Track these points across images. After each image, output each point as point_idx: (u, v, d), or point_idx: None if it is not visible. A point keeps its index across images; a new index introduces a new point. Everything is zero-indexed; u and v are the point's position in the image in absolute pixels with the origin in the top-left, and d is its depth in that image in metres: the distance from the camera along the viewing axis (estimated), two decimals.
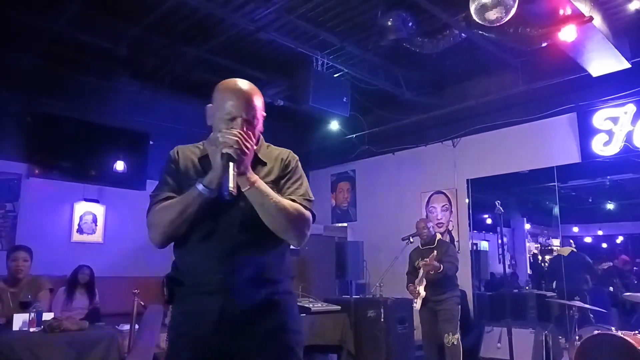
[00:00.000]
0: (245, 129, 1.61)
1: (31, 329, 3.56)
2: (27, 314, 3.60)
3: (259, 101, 1.70)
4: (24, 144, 5.87)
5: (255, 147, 1.69)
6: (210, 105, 1.72)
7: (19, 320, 3.59)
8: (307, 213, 1.66)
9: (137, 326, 4.27)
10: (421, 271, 4.97)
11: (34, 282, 4.18)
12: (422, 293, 4.97)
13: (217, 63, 5.92)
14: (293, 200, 1.65)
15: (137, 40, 5.38)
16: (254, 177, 1.59)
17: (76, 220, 6.21)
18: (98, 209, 6.38)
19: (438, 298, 4.92)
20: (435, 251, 4.93)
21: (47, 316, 3.73)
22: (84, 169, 6.17)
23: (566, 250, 6.41)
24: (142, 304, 4.32)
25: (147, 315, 4.22)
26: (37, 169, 5.93)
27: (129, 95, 6.43)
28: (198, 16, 5.10)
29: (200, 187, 1.56)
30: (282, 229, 1.61)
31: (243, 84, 1.70)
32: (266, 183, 1.64)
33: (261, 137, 1.81)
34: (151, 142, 6.57)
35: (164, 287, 1.68)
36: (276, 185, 1.70)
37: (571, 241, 6.71)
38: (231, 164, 1.52)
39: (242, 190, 1.56)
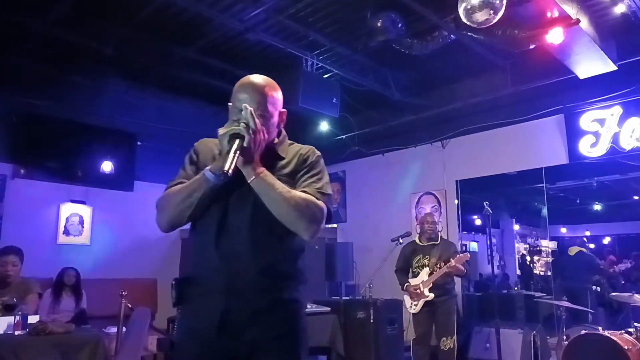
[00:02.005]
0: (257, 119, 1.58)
1: (16, 332, 3.51)
2: (12, 317, 3.55)
3: (273, 96, 1.70)
4: (10, 144, 5.80)
5: (275, 142, 1.73)
6: (230, 103, 1.71)
7: (4, 323, 3.55)
8: (320, 204, 1.60)
9: (124, 328, 4.23)
10: (425, 272, 4.84)
11: (23, 284, 4.12)
12: (430, 296, 4.76)
13: (206, 63, 5.89)
14: (306, 192, 1.61)
15: (125, 40, 5.33)
16: (261, 168, 1.56)
17: (62, 222, 6.14)
18: (85, 210, 6.31)
19: (438, 300, 4.79)
20: (441, 250, 4.85)
21: (33, 319, 3.68)
22: (71, 169, 6.11)
23: (573, 250, 6.45)
24: (130, 306, 4.29)
25: (134, 318, 4.18)
26: (22, 170, 5.86)
27: (116, 95, 6.37)
28: (186, 16, 5.07)
29: (207, 172, 1.54)
30: (291, 220, 1.56)
31: (257, 78, 1.71)
32: (281, 175, 1.64)
33: (284, 133, 1.81)
34: (139, 143, 6.52)
35: (172, 289, 1.66)
36: (292, 178, 1.67)
37: (585, 239, 6.75)
38: (234, 146, 1.48)
39: (248, 181, 1.55)
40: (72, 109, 6.08)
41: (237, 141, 1.49)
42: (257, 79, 1.70)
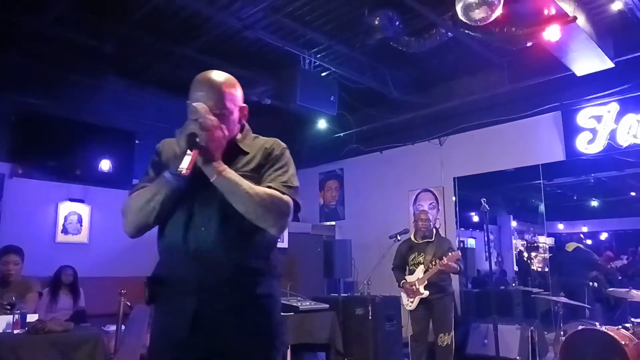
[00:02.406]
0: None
1: (15, 331, 3.51)
2: (11, 316, 3.56)
3: (231, 91, 1.68)
4: (8, 143, 5.78)
5: (238, 137, 1.71)
6: (188, 102, 1.68)
7: (3, 322, 3.55)
8: (285, 198, 1.59)
9: (123, 327, 4.24)
10: (420, 270, 4.85)
11: (24, 283, 4.13)
12: (425, 293, 4.78)
13: (204, 61, 5.87)
14: (271, 187, 1.59)
15: (124, 39, 5.33)
16: (222, 166, 1.55)
17: (61, 221, 6.13)
18: (83, 209, 6.31)
19: (434, 297, 4.80)
20: (435, 247, 4.87)
21: (32, 318, 3.69)
22: (69, 168, 6.09)
23: (571, 246, 6.48)
24: (129, 304, 4.30)
25: (133, 316, 4.20)
26: (20, 169, 5.85)
27: (115, 94, 6.36)
28: (185, 14, 5.07)
29: (166, 174, 1.54)
30: (257, 216, 1.55)
31: (214, 74, 1.68)
32: (245, 171, 1.62)
33: (247, 127, 1.79)
34: (137, 141, 6.51)
35: (145, 287, 1.65)
36: (257, 173, 1.65)
37: (581, 236, 6.79)
38: (193, 145, 1.48)
39: (211, 181, 1.53)
40: (70, 107, 6.06)
41: (190, 147, 1.48)
42: (214, 75, 1.68)
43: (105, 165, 6.19)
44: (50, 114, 5.91)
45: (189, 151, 1.47)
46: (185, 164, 1.44)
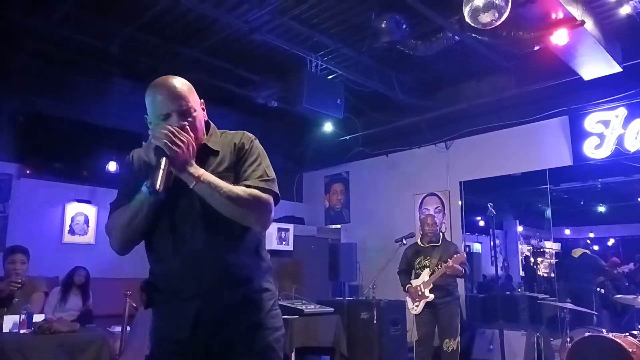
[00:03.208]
0: (180, 122, 1.57)
1: (21, 331, 3.54)
2: (18, 316, 3.58)
3: (189, 91, 1.66)
4: (16, 143, 5.83)
5: (203, 137, 1.68)
6: (147, 115, 1.67)
7: (9, 321, 3.57)
8: (265, 196, 1.59)
9: (129, 328, 4.25)
10: (425, 273, 4.83)
11: (30, 283, 4.15)
12: (430, 296, 4.73)
13: (211, 64, 5.92)
14: (249, 186, 1.58)
15: (131, 40, 5.36)
16: (199, 171, 1.53)
17: (67, 221, 6.17)
18: (90, 210, 6.34)
19: (441, 301, 4.76)
20: (442, 251, 4.84)
21: (38, 318, 3.70)
22: (76, 169, 6.14)
23: (577, 252, 6.44)
24: (134, 305, 4.31)
25: (139, 317, 4.20)
26: (28, 169, 5.89)
27: (121, 96, 6.39)
28: (191, 16, 5.09)
29: (144, 189, 1.51)
30: (240, 217, 1.56)
31: (166, 78, 1.66)
32: (219, 172, 1.60)
33: (212, 125, 1.77)
34: (144, 143, 6.52)
35: (142, 291, 1.66)
36: (231, 171, 1.64)
37: (588, 241, 6.75)
38: (163, 161, 1.46)
39: (190, 187, 1.52)
40: (77, 109, 6.11)
41: (163, 160, 1.47)
42: (168, 78, 1.66)
43: (112, 166, 6.22)
44: (57, 115, 5.96)
45: (162, 165, 1.46)
46: (158, 181, 1.44)
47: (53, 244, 5.99)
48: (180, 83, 1.65)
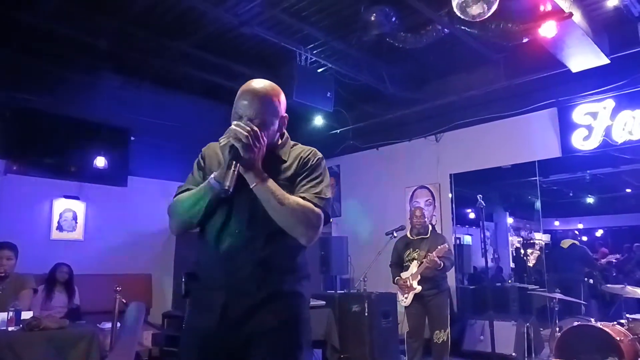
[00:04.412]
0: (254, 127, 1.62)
1: (9, 328, 3.50)
2: (6, 313, 3.55)
3: (273, 102, 1.72)
4: (2, 139, 5.76)
5: (278, 143, 1.78)
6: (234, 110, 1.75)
7: None
8: (317, 211, 1.64)
9: (119, 324, 4.23)
10: (414, 265, 4.86)
11: (18, 280, 4.11)
12: (418, 288, 4.78)
13: (200, 57, 5.86)
14: (304, 199, 1.64)
15: (119, 34, 5.30)
16: (262, 175, 1.61)
17: (55, 218, 6.11)
18: (78, 206, 6.28)
19: (429, 293, 4.79)
20: (430, 243, 4.87)
21: (27, 315, 3.67)
22: (64, 165, 6.07)
23: (566, 243, 6.50)
24: (124, 301, 4.28)
25: (129, 313, 4.18)
26: (15, 165, 5.82)
27: (110, 90, 6.33)
28: (180, 10, 5.04)
29: (212, 180, 1.60)
30: (288, 226, 1.62)
31: (256, 83, 1.73)
32: (281, 180, 1.68)
33: (287, 136, 1.85)
34: (132, 138, 6.49)
35: (182, 283, 1.73)
36: (292, 182, 1.71)
37: (576, 232, 6.81)
38: (233, 164, 1.55)
39: (251, 187, 1.60)
40: (65, 103, 6.03)
41: (234, 160, 1.56)
42: (258, 84, 1.72)
43: (100, 162, 6.15)
44: (45, 110, 5.89)
45: (233, 166, 1.55)
46: (228, 181, 1.54)
47: (41, 240, 5.94)
48: (264, 91, 1.71)
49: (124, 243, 6.49)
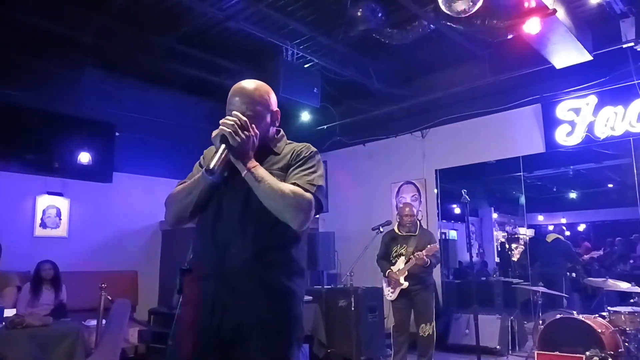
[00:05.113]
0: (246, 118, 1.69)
1: None
2: None
3: (262, 96, 1.80)
4: None
5: (273, 139, 1.84)
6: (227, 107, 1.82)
7: None
8: (307, 195, 1.66)
9: (104, 321, 4.20)
10: (401, 261, 4.89)
11: (1, 278, 4.06)
12: (405, 284, 4.81)
13: (185, 52, 5.81)
14: (295, 184, 1.67)
15: (103, 29, 5.22)
16: (253, 163, 1.66)
17: (39, 214, 6.02)
18: (62, 203, 6.20)
19: (415, 288, 4.82)
20: (417, 240, 4.89)
21: (10, 313, 3.63)
22: (47, 161, 5.96)
23: (550, 237, 6.58)
24: (110, 298, 4.25)
25: (114, 310, 4.15)
26: None
27: (94, 85, 6.25)
28: (165, 4, 4.99)
29: (203, 171, 1.65)
30: (278, 210, 1.63)
31: (247, 83, 1.82)
32: (273, 169, 1.72)
33: (282, 133, 1.92)
34: (117, 133, 6.41)
35: (177, 279, 1.75)
36: (284, 172, 1.75)
37: (563, 228, 6.90)
38: (222, 147, 1.60)
39: (242, 175, 1.65)
40: (48, 98, 5.93)
41: (222, 146, 1.62)
42: (248, 83, 1.82)
43: (84, 157, 6.07)
44: (27, 106, 5.78)
45: (220, 151, 1.61)
46: (214, 162, 1.58)
47: (24, 237, 5.86)
48: (253, 87, 1.81)
49: (110, 240, 6.43)
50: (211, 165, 1.57)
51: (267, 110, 1.81)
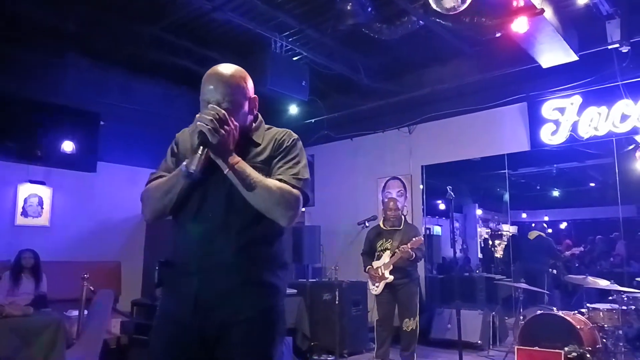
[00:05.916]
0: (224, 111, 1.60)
1: None
2: None
3: (239, 84, 1.69)
4: None
5: (251, 127, 1.75)
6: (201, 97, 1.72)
7: None
8: (294, 192, 1.62)
9: (86, 312, 4.16)
10: (386, 255, 4.92)
11: None
12: (390, 278, 4.84)
13: (172, 42, 5.74)
14: (281, 180, 1.62)
15: (88, 17, 5.13)
16: (236, 159, 1.59)
17: (20, 203, 5.93)
18: (44, 191, 6.11)
19: (400, 282, 4.86)
20: (402, 234, 4.92)
21: None
22: (30, 149, 5.86)
23: (533, 234, 6.66)
24: (92, 289, 4.21)
25: (96, 301, 4.12)
26: None
27: (78, 74, 6.14)
28: None
29: (182, 168, 1.56)
30: (266, 208, 1.59)
31: (223, 68, 1.70)
32: (256, 163, 1.66)
33: (260, 119, 1.82)
34: (102, 123, 6.32)
35: (156, 272, 1.74)
36: (268, 164, 1.69)
37: (544, 225, 6.99)
38: (201, 147, 1.53)
39: (224, 173, 1.58)
40: (32, 86, 5.82)
41: (201, 145, 1.53)
42: (223, 68, 1.70)
43: (67, 146, 5.98)
44: (9, 93, 5.66)
45: (200, 150, 1.53)
46: (194, 165, 1.51)
47: (5, 226, 5.77)
48: (230, 74, 1.69)
49: (93, 230, 6.36)
50: (192, 169, 1.50)
51: (244, 98, 1.70)
